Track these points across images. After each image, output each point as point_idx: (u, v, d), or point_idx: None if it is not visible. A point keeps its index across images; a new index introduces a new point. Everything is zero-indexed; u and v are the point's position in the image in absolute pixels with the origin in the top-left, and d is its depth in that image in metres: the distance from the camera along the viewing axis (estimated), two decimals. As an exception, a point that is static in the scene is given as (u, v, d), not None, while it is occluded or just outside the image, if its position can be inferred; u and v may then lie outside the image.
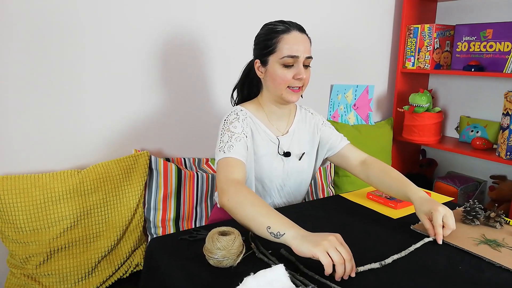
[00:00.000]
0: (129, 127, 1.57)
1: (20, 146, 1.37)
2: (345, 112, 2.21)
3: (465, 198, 2.13)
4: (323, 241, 0.79)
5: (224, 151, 1.10)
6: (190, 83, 1.68)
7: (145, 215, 1.55)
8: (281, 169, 1.24)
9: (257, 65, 1.21)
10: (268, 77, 1.18)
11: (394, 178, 1.15)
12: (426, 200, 1.03)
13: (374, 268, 0.84)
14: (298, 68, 1.13)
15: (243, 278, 0.71)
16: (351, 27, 2.13)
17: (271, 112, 1.24)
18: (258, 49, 1.19)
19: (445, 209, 0.98)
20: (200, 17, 1.64)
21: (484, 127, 2.09)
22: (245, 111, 1.22)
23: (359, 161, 1.26)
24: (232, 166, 1.07)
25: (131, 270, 1.48)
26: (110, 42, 1.47)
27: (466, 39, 2.11)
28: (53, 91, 1.39)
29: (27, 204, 1.28)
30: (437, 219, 0.97)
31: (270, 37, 1.15)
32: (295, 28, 1.14)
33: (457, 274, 0.84)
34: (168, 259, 0.89)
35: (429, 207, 1.00)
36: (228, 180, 1.02)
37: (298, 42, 1.13)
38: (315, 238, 0.81)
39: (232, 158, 1.08)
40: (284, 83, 1.15)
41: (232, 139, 1.12)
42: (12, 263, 1.33)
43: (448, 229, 0.97)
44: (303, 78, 1.14)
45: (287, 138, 1.26)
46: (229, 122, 1.18)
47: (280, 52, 1.13)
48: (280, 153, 1.23)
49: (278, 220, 0.89)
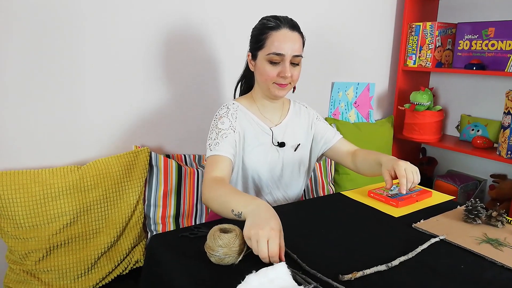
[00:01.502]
0: (129, 123, 1.56)
1: (20, 141, 1.36)
2: (346, 109, 2.20)
3: (465, 197, 2.13)
4: (259, 230, 0.80)
5: (211, 149, 1.15)
6: (191, 80, 1.67)
7: (145, 211, 1.54)
8: (276, 159, 1.26)
9: (249, 58, 1.24)
10: (257, 71, 1.21)
11: (370, 153, 1.23)
12: (391, 159, 1.12)
13: (380, 271, 0.83)
14: (283, 66, 1.15)
15: (245, 276, 0.71)
16: (352, 24, 2.12)
17: (263, 105, 1.27)
18: (251, 43, 1.22)
19: (406, 164, 1.07)
20: (203, 14, 1.63)
21: (485, 126, 2.09)
22: (237, 104, 1.26)
23: (350, 153, 1.31)
24: (215, 164, 1.11)
25: (131, 266, 1.48)
26: (110, 38, 1.46)
27: (468, 38, 2.10)
28: (53, 87, 1.38)
29: (26, 200, 1.27)
30: (400, 171, 1.06)
31: (261, 32, 1.17)
32: (286, 26, 1.15)
33: (459, 273, 0.84)
34: (169, 256, 0.88)
35: (392, 163, 1.09)
36: (206, 179, 1.08)
37: (286, 40, 1.13)
38: (257, 222, 0.82)
39: (217, 156, 1.13)
40: (270, 79, 1.17)
41: (218, 136, 1.16)
42: (11, 259, 1.32)
43: (409, 182, 1.05)
44: (288, 77, 1.15)
45: (280, 129, 1.28)
46: (218, 117, 1.22)
47: (267, 49, 1.15)
48: (274, 143, 1.25)
49: (239, 200, 0.93)
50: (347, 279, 0.79)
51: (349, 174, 2.04)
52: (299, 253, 0.88)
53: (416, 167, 1.09)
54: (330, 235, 0.99)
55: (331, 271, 0.82)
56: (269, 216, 0.85)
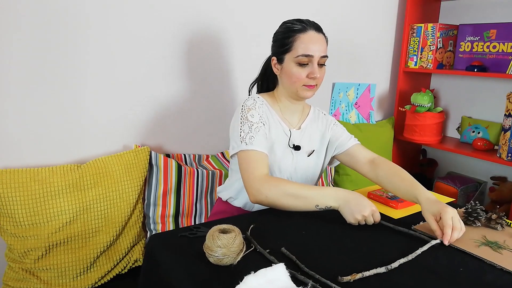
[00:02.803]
0: (129, 122, 1.56)
1: (20, 139, 1.36)
2: (347, 110, 2.20)
3: (465, 199, 2.13)
4: (363, 214, 1.02)
5: (246, 143, 1.14)
6: (192, 80, 1.67)
7: (145, 211, 1.54)
8: (289, 162, 1.26)
9: (273, 62, 1.24)
10: (284, 74, 1.21)
11: (403, 179, 1.16)
12: (433, 201, 1.03)
13: (380, 273, 0.83)
14: (312, 67, 1.16)
15: (244, 276, 0.71)
16: (354, 25, 2.12)
17: (285, 107, 1.28)
18: (275, 47, 1.23)
19: (453, 211, 0.98)
20: (210, 15, 1.63)
21: (486, 128, 2.09)
22: (261, 98, 1.26)
23: (368, 160, 1.27)
24: (257, 161, 1.12)
25: (130, 265, 1.48)
26: (111, 38, 1.46)
27: (469, 39, 2.10)
28: (54, 85, 1.38)
29: (26, 198, 1.27)
30: (446, 220, 0.96)
31: (287, 36, 1.18)
32: (312, 28, 1.17)
33: (458, 276, 0.83)
34: (168, 256, 0.88)
35: (438, 208, 0.99)
36: (257, 178, 1.10)
37: (314, 42, 1.16)
38: (357, 208, 1.03)
39: (255, 152, 1.13)
40: (299, 81, 1.18)
41: (252, 129, 1.16)
42: (11, 257, 1.32)
43: (456, 231, 0.95)
44: (317, 77, 1.17)
45: (299, 132, 1.28)
46: (246, 109, 1.20)
47: (295, 51, 1.16)
48: (290, 145, 1.25)
49: (320, 195, 1.06)
50: (346, 281, 0.79)
51: (349, 175, 2.04)
52: (298, 254, 0.88)
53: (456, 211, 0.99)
54: (329, 236, 0.99)
55: (330, 272, 0.82)
56: (358, 197, 1.04)
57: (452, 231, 0.95)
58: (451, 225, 0.95)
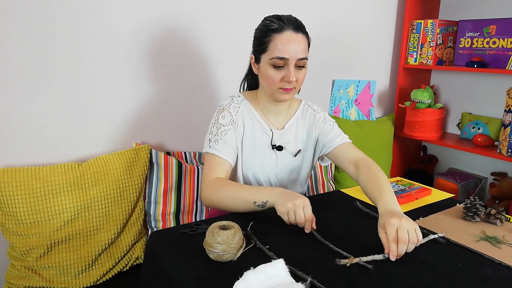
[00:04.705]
0: (130, 120, 1.57)
1: (21, 138, 1.37)
2: (347, 107, 2.20)
3: (465, 195, 2.13)
4: (294, 202, 0.94)
5: (210, 146, 1.15)
6: (191, 77, 1.67)
7: (146, 208, 1.55)
8: (273, 162, 1.24)
9: (252, 61, 1.20)
10: (260, 75, 1.17)
11: (373, 185, 1.04)
12: (385, 212, 0.92)
13: (376, 260, 0.84)
14: (288, 70, 1.10)
15: (243, 272, 0.71)
16: (353, 21, 2.12)
17: (266, 108, 1.24)
18: (254, 45, 1.18)
19: (399, 221, 0.85)
20: (202, 7, 1.63)
21: (486, 123, 2.09)
22: (242, 97, 1.24)
23: (353, 162, 1.18)
24: (215, 166, 1.13)
25: (131, 263, 1.48)
26: (110, 35, 1.46)
27: (469, 35, 2.09)
28: (54, 84, 1.39)
29: (27, 196, 1.28)
30: (389, 233, 0.84)
31: (263, 35, 1.11)
32: (290, 27, 1.08)
33: (457, 270, 0.84)
34: (169, 253, 0.89)
35: (383, 219, 0.88)
36: (208, 181, 1.10)
37: (290, 43, 1.07)
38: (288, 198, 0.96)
39: (214, 156, 1.14)
40: (274, 84, 1.12)
41: (219, 132, 1.16)
42: (13, 255, 1.33)
43: (402, 244, 0.83)
44: (293, 81, 1.10)
45: (282, 132, 1.24)
46: (220, 109, 1.21)
47: (271, 52, 1.09)
48: (272, 145, 1.23)
49: (258, 192, 1.02)
50: (343, 263, 0.80)
51: (349, 172, 2.04)
52: (298, 249, 0.89)
53: (412, 222, 0.87)
54: (329, 232, 1.00)
55: (328, 266, 0.82)
56: (293, 192, 0.99)
57: (398, 244, 0.83)
58: (394, 238, 0.83)
